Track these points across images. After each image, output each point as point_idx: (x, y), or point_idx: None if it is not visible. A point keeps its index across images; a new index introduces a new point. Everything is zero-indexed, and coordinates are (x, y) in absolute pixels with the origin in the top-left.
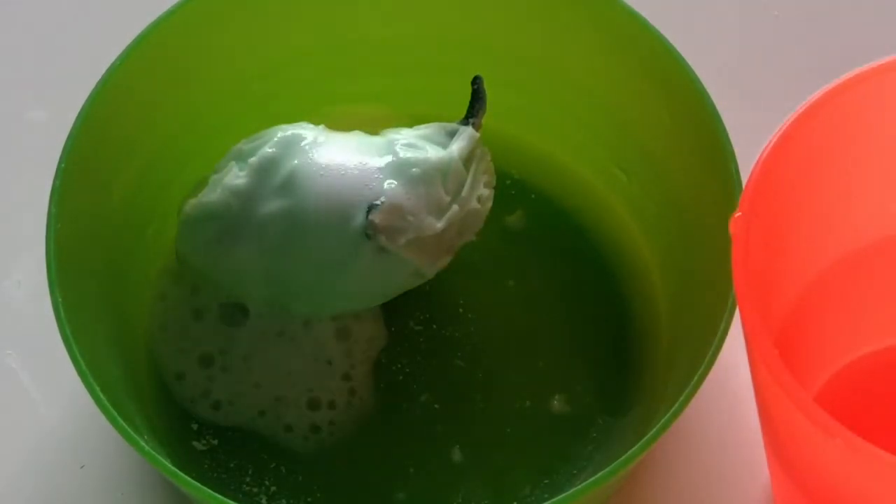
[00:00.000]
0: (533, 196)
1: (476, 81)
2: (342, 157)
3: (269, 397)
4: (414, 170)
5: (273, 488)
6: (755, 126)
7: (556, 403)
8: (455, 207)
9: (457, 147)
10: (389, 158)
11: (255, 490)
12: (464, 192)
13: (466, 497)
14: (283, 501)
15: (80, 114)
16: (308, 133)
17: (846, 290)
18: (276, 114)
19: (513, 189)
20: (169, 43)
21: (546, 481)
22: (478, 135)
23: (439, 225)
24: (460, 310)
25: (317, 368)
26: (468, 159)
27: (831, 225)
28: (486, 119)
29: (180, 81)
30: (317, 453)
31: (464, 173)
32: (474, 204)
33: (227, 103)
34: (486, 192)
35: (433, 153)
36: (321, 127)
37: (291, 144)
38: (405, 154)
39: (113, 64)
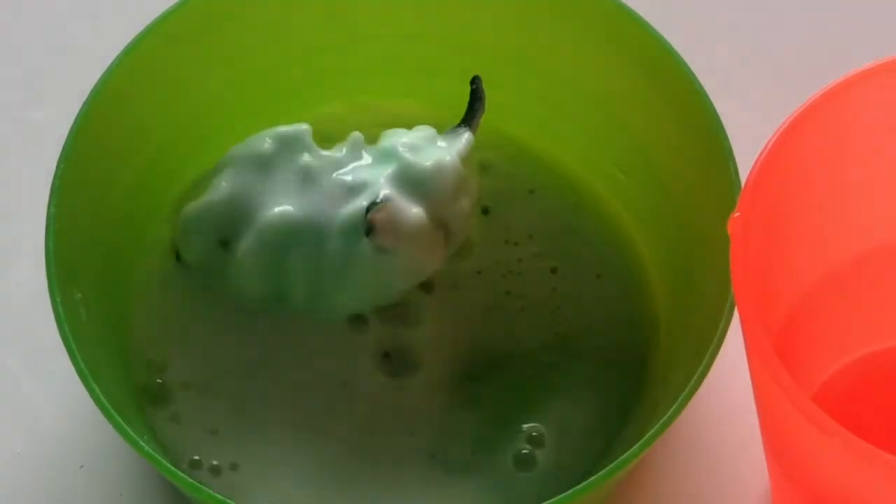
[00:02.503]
0: (532, 196)
1: (475, 81)
2: (341, 156)
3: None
4: (413, 171)
5: None
6: (755, 126)
7: (553, 402)
8: (454, 208)
9: (456, 149)
10: (389, 159)
11: None
12: (461, 194)
13: (466, 495)
14: None
15: (79, 114)
16: (307, 133)
17: (845, 291)
18: (276, 114)
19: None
20: (168, 43)
21: None
22: (473, 138)
23: (437, 225)
24: (450, 310)
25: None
26: (464, 162)
27: (831, 225)
28: (485, 119)
29: (180, 81)
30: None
31: (463, 173)
32: (468, 205)
33: (227, 103)
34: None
35: (432, 155)
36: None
37: (291, 144)
38: (405, 155)
39: (112, 64)
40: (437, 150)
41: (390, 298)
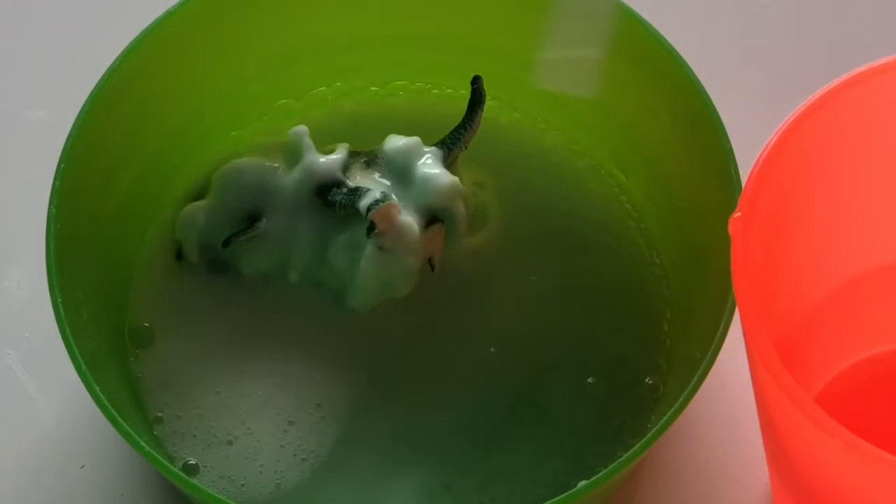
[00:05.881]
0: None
1: (476, 81)
2: (341, 159)
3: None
4: (412, 175)
5: None
6: (755, 126)
7: (555, 403)
8: (452, 210)
9: (452, 155)
10: (388, 163)
11: None
12: (457, 196)
13: (464, 494)
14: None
15: (80, 114)
16: (305, 134)
17: (847, 293)
18: (276, 113)
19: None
20: (169, 43)
21: None
22: (468, 141)
23: (435, 227)
24: (454, 311)
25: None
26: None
27: (832, 224)
28: (485, 118)
29: (180, 81)
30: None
31: (458, 180)
32: (464, 207)
33: (227, 103)
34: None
35: (430, 160)
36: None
37: (292, 148)
38: (403, 160)
39: (113, 64)
40: (434, 154)
41: (390, 297)
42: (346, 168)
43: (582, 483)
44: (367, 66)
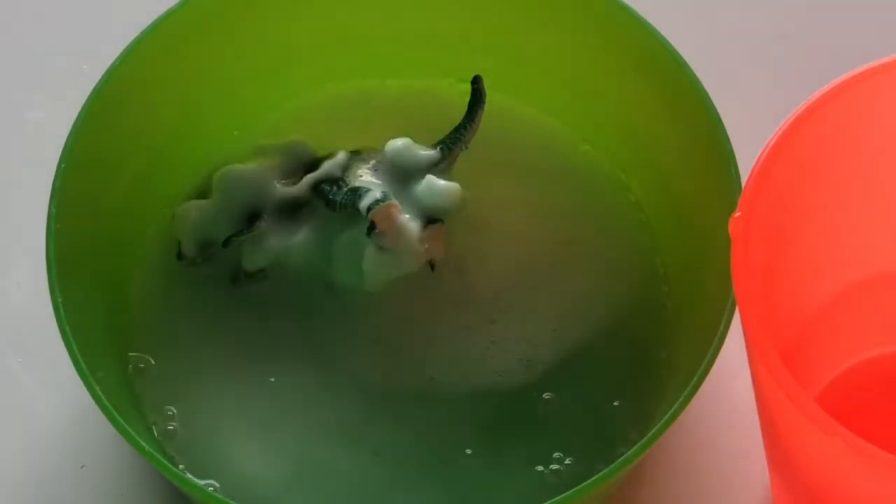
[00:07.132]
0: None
1: (476, 81)
2: (341, 161)
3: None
4: (412, 175)
5: None
6: (755, 126)
7: (555, 402)
8: (451, 212)
9: (450, 155)
10: (388, 163)
11: None
12: (456, 195)
13: (463, 492)
14: None
15: (80, 114)
16: (306, 145)
17: (848, 293)
18: (275, 113)
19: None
20: (169, 43)
21: None
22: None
23: (435, 226)
24: (453, 310)
25: None
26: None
27: (831, 225)
28: (485, 118)
29: (180, 81)
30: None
31: (455, 183)
32: (463, 206)
33: (226, 103)
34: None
35: (430, 161)
36: None
37: (292, 151)
38: (402, 160)
39: (113, 64)
40: (435, 154)
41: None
42: (345, 168)
43: (582, 483)
44: (367, 66)
